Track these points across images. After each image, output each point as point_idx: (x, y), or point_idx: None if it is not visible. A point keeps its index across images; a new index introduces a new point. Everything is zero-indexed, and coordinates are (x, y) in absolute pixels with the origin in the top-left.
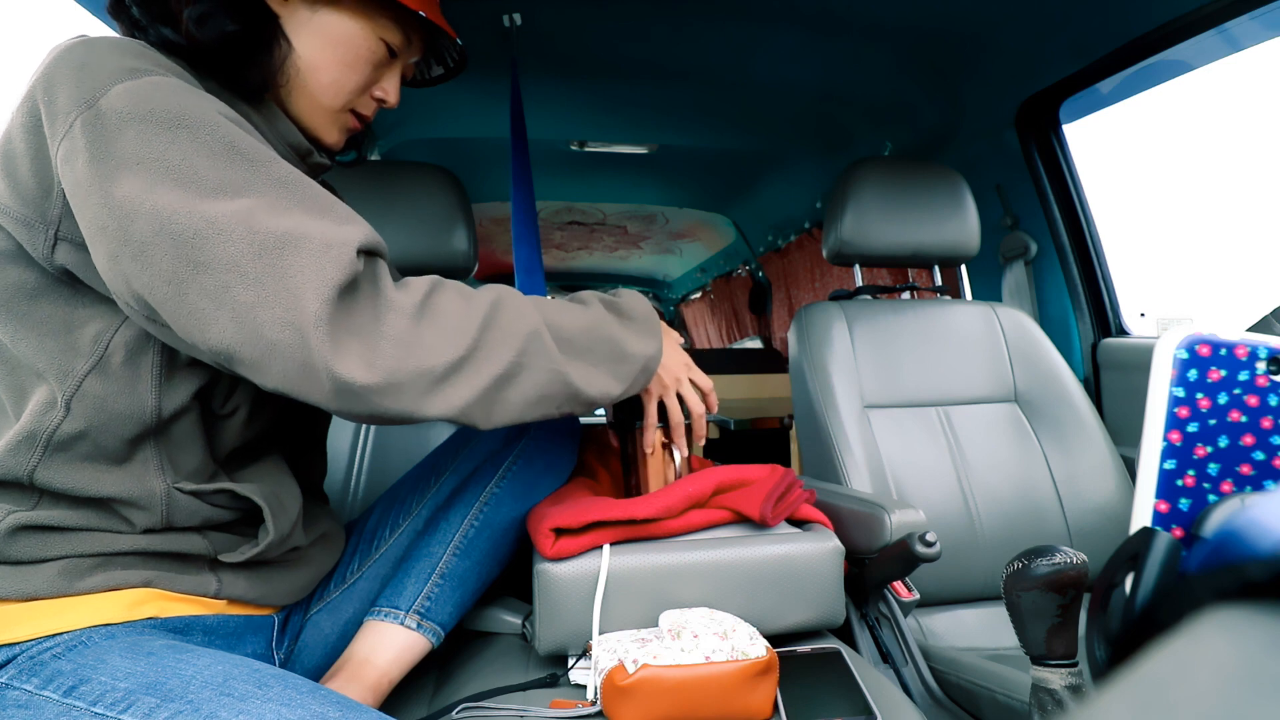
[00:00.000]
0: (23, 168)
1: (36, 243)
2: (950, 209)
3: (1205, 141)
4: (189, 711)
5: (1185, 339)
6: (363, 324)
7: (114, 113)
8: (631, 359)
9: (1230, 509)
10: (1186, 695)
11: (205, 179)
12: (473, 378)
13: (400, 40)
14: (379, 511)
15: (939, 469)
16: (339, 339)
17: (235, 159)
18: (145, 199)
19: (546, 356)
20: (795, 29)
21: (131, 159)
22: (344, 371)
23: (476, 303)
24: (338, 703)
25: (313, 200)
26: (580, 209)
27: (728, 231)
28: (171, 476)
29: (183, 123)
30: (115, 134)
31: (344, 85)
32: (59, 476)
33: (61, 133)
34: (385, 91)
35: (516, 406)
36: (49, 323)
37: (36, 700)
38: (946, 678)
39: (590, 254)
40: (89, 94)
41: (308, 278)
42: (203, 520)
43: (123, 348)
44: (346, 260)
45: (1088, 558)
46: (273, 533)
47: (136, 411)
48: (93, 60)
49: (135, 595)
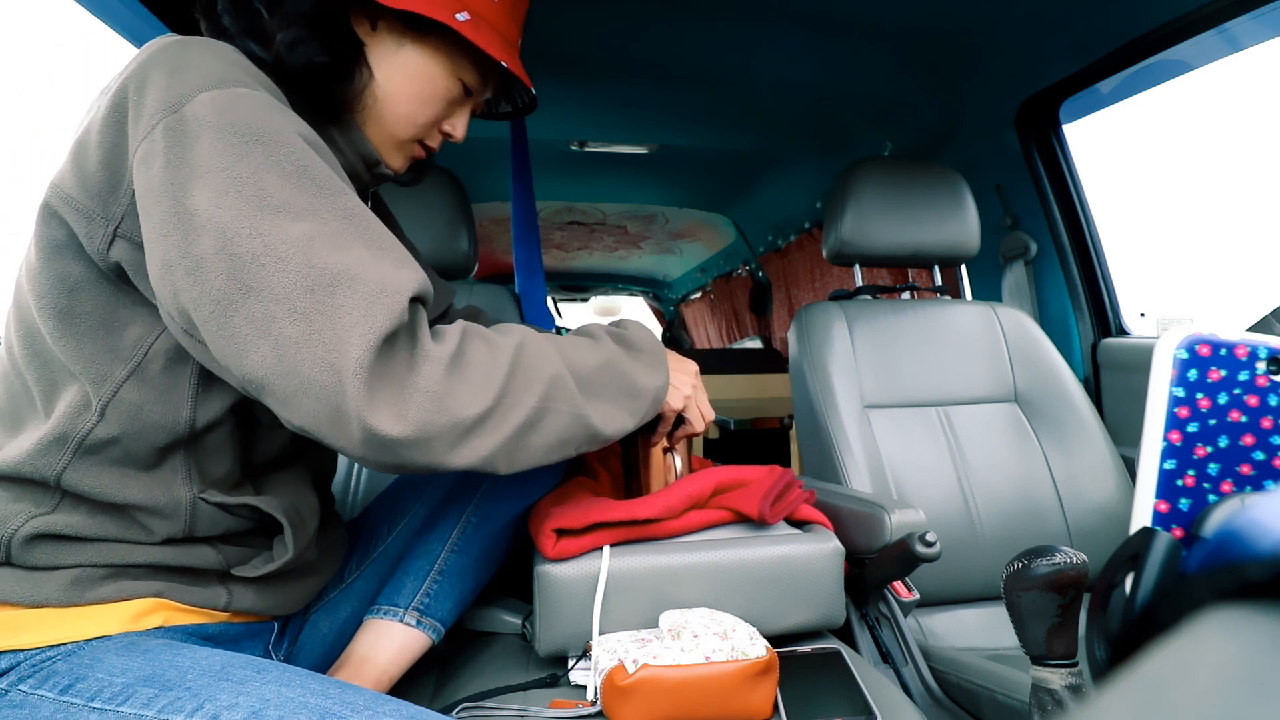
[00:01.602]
0: (93, 159)
1: (95, 235)
2: (950, 209)
3: (1205, 141)
4: (188, 697)
5: (1185, 339)
6: (399, 374)
7: (195, 120)
8: (643, 394)
9: (1230, 509)
10: (1186, 695)
11: (271, 197)
12: (499, 427)
13: (477, 82)
14: (377, 511)
15: (939, 469)
16: (375, 388)
17: (305, 182)
18: (211, 213)
19: (569, 400)
20: (795, 29)
21: (203, 168)
22: (376, 423)
23: (502, 351)
24: (336, 684)
25: (374, 237)
26: (580, 209)
27: (728, 231)
28: (198, 486)
29: (259, 138)
30: (193, 141)
31: (416, 118)
32: (86, 480)
33: (144, 134)
34: (454, 127)
35: (539, 451)
36: (89, 319)
37: (32, 700)
38: (946, 678)
39: (590, 254)
40: (176, 98)
41: (355, 321)
42: (224, 530)
43: (162, 355)
44: (398, 310)
45: (1088, 558)
46: (291, 550)
47: (170, 421)
48: (185, 64)
49: (144, 605)
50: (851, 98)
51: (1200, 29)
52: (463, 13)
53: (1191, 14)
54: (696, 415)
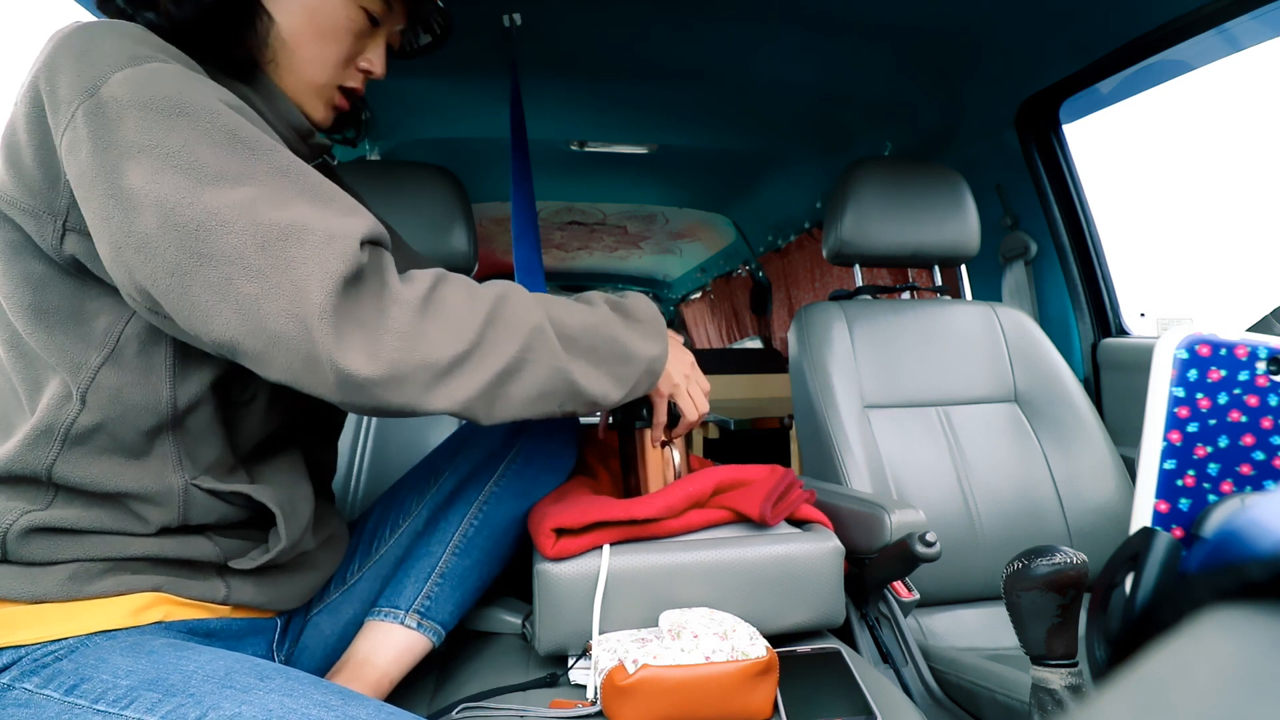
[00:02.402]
0: (27, 159)
1: (45, 233)
2: (950, 209)
3: (1205, 141)
4: (191, 704)
5: (1185, 339)
6: (366, 316)
7: (114, 101)
8: (635, 360)
9: (1230, 509)
10: (1186, 695)
11: (206, 166)
12: (476, 372)
13: (380, 7)
14: (378, 512)
15: (939, 469)
16: (343, 330)
17: (236, 147)
18: (149, 189)
19: (550, 353)
20: (795, 29)
21: (133, 147)
22: (347, 364)
23: (481, 297)
24: (340, 692)
25: (314, 190)
26: (580, 209)
27: (728, 231)
28: (190, 472)
29: (183, 110)
30: (116, 122)
31: (326, 57)
32: (77, 470)
33: (64, 123)
34: (370, 62)
35: (518, 402)
36: (58, 314)
37: (38, 699)
38: (946, 678)
39: (590, 254)
40: (89, 82)
41: (311, 269)
42: (218, 518)
43: (135, 339)
44: (350, 252)
45: (1088, 558)
46: (284, 539)
47: (152, 402)
48: (93, 47)
49: (143, 599)
50: (851, 98)
51: (1200, 29)
52: None
53: (1191, 14)
54: (688, 403)
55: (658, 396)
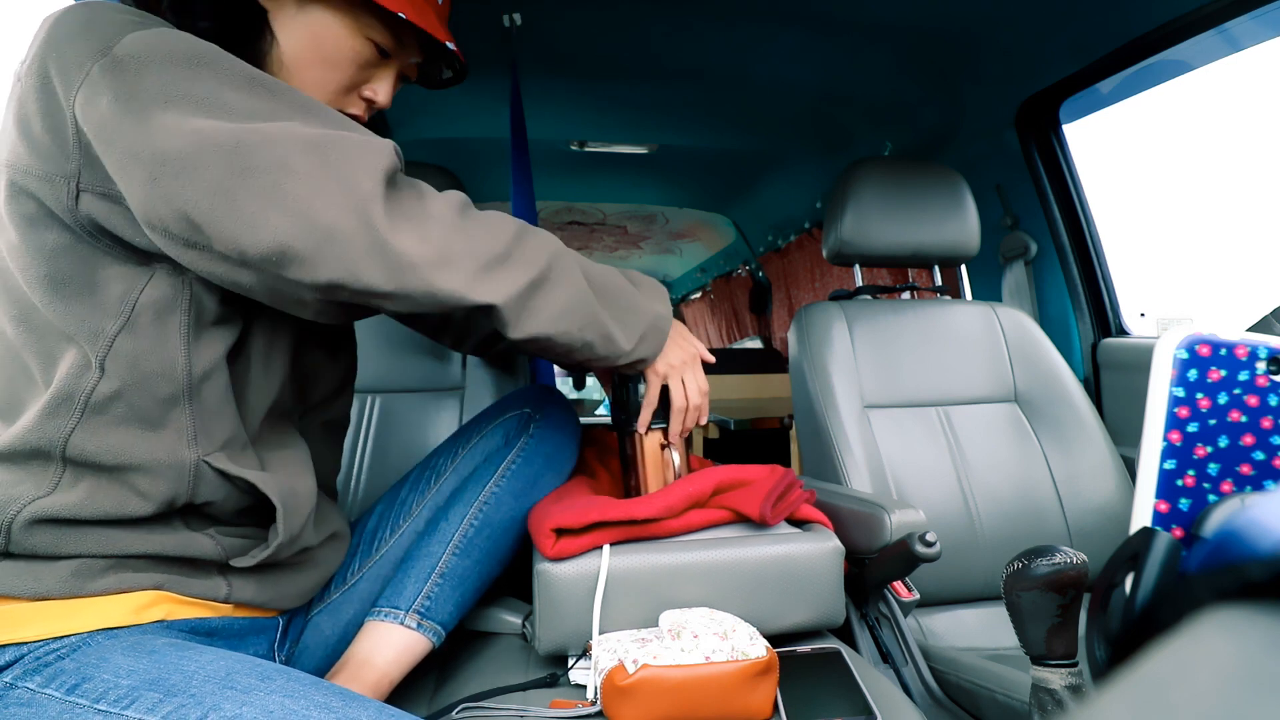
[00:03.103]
0: (36, 126)
1: (60, 196)
2: (950, 209)
3: (1205, 141)
4: (192, 705)
5: (1185, 339)
6: (411, 209)
7: (131, 57)
8: (642, 310)
9: (1230, 509)
10: (1186, 695)
11: (236, 107)
12: (513, 273)
13: (389, 41)
14: (379, 512)
15: (939, 469)
16: (393, 218)
17: (258, 88)
18: (181, 124)
19: (573, 273)
20: (795, 29)
21: (159, 96)
22: (401, 245)
23: (508, 219)
24: (340, 694)
25: (338, 119)
26: (580, 209)
27: (728, 231)
28: (204, 447)
29: (202, 60)
30: (137, 75)
31: (327, 84)
32: (93, 440)
33: (78, 81)
34: (375, 92)
35: (546, 316)
36: (73, 283)
37: (39, 699)
38: (946, 678)
39: (590, 254)
40: (101, 44)
41: (356, 165)
42: (221, 503)
43: (150, 307)
44: (388, 152)
45: (1088, 558)
46: (282, 534)
47: (168, 369)
48: (97, 17)
49: (145, 598)
50: (851, 98)
51: (1200, 29)
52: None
53: (1191, 14)
54: (679, 389)
55: (653, 375)
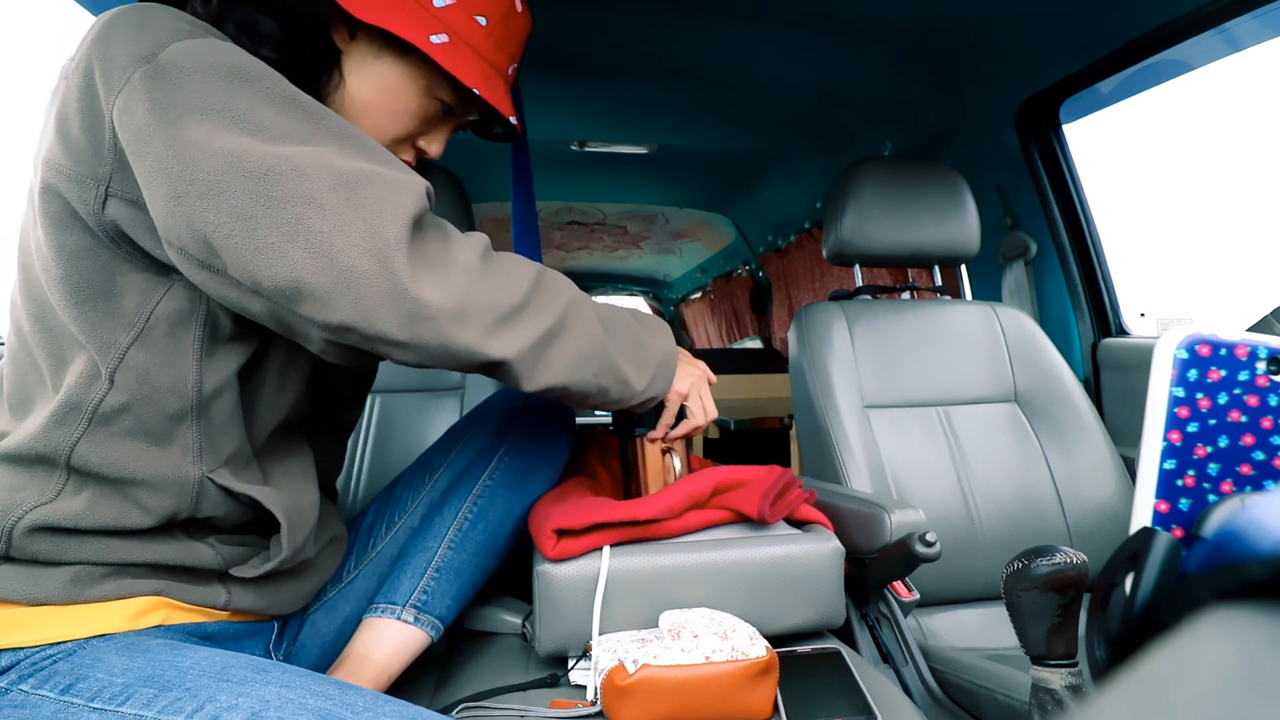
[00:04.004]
0: (75, 126)
1: (87, 198)
2: (950, 209)
3: (1205, 141)
4: (188, 698)
5: (1185, 339)
6: (435, 255)
7: (174, 66)
8: (651, 349)
9: (1230, 509)
10: (1186, 695)
11: (272, 128)
12: (529, 326)
13: (456, 103)
14: (375, 510)
15: (939, 469)
16: (416, 264)
17: (297, 111)
18: (213, 141)
19: (587, 321)
20: (795, 29)
21: (196, 108)
22: (422, 293)
23: (527, 263)
24: (336, 683)
25: (374, 151)
26: (580, 209)
27: (728, 231)
28: (209, 463)
29: (244, 75)
30: (176, 85)
31: (386, 130)
32: (98, 451)
33: (119, 85)
34: (429, 144)
35: (560, 365)
36: (89, 289)
37: (33, 700)
38: (946, 678)
39: (590, 254)
40: (147, 50)
41: (384, 206)
42: (223, 517)
43: (164, 320)
44: (419, 195)
45: (1088, 558)
46: (286, 549)
47: (178, 385)
48: (150, 21)
49: (144, 604)
50: (851, 98)
51: (1200, 29)
52: (441, 35)
53: (1191, 14)
54: (699, 408)
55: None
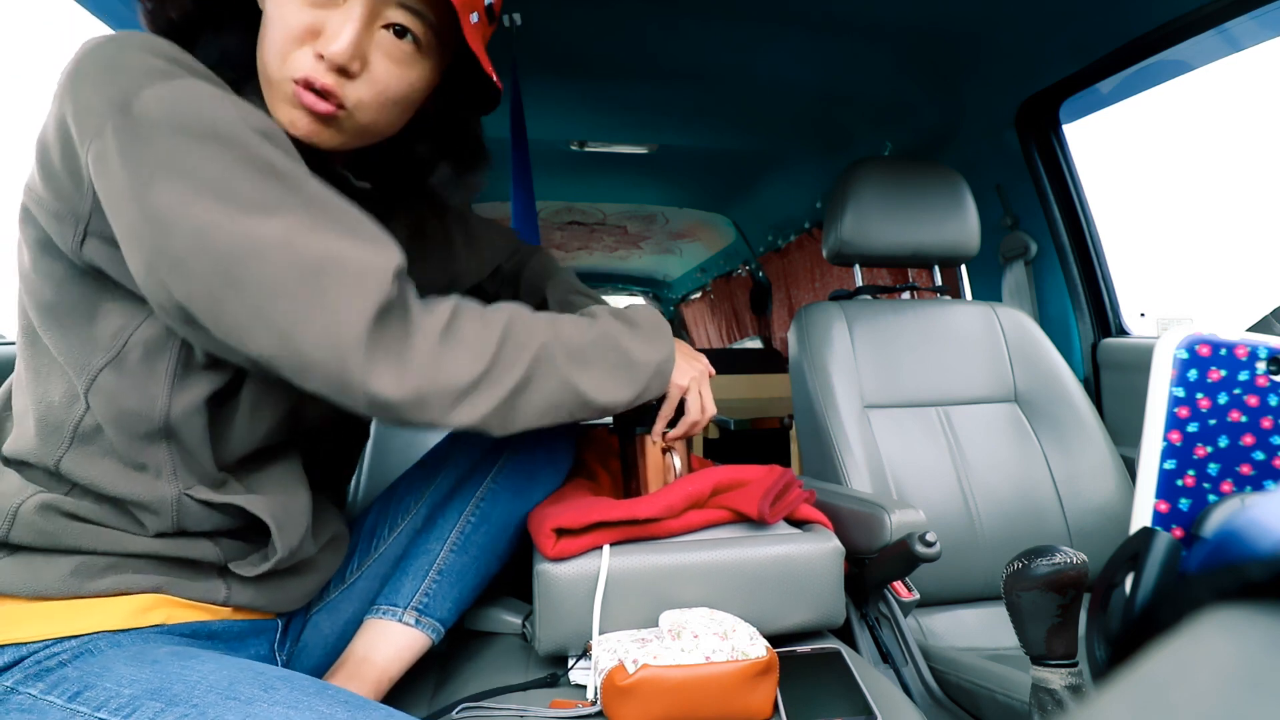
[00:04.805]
0: (55, 160)
1: (66, 236)
2: (950, 209)
3: (1206, 141)
4: (194, 715)
5: (1185, 339)
6: (394, 345)
7: (147, 119)
8: (641, 366)
9: (1230, 509)
10: (1186, 695)
11: (242, 196)
12: (491, 392)
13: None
14: (377, 511)
15: (939, 469)
16: (374, 359)
17: (269, 177)
18: (183, 211)
19: (556, 368)
20: (795, 29)
21: (166, 168)
22: (378, 389)
23: (492, 322)
24: (345, 701)
25: (345, 221)
26: (580, 209)
27: (728, 231)
28: (183, 482)
29: (217, 135)
30: (148, 142)
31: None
32: (80, 468)
33: (91, 134)
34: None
35: (531, 414)
36: (73, 314)
37: (41, 705)
38: (946, 678)
39: (590, 254)
40: (120, 96)
41: (347, 301)
42: (213, 527)
43: (140, 345)
44: (384, 285)
45: (1088, 558)
46: (280, 550)
47: (146, 410)
48: (121, 59)
49: (144, 601)
50: (851, 98)
51: (1200, 29)
52: None
53: (1191, 14)
54: (698, 404)
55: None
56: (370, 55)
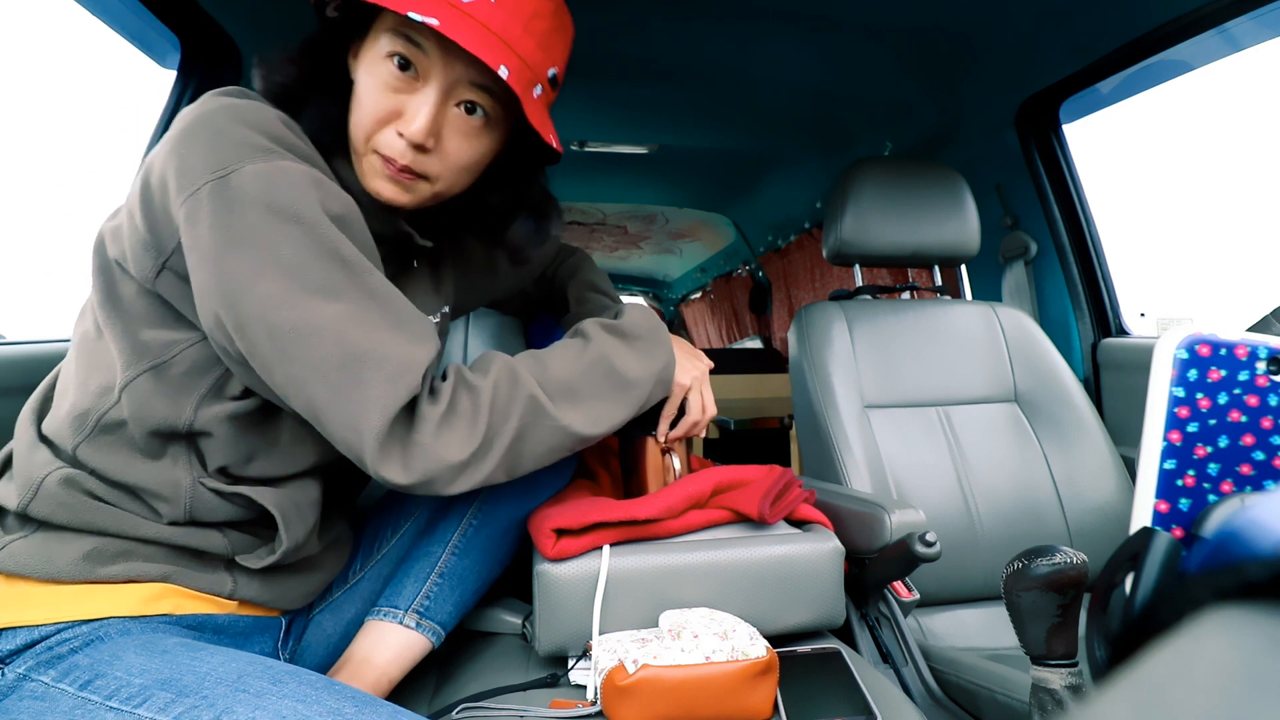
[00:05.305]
0: (155, 196)
1: (144, 265)
2: (950, 209)
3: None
4: (204, 706)
5: (1185, 339)
6: (403, 433)
7: (241, 191)
8: (636, 384)
9: (1230, 509)
10: (1186, 695)
11: (310, 278)
12: (488, 459)
13: (405, 47)
14: (381, 512)
15: (939, 469)
16: (387, 451)
17: (337, 264)
18: (253, 283)
19: (546, 417)
20: (795, 29)
21: (249, 240)
22: (386, 475)
23: (482, 394)
24: (352, 697)
25: (395, 314)
26: (580, 209)
27: (728, 231)
28: (198, 472)
29: (299, 219)
30: (239, 213)
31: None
32: (95, 456)
33: (189, 191)
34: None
35: (532, 460)
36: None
37: (53, 692)
38: (946, 678)
39: (590, 254)
40: (221, 164)
41: (378, 395)
42: (224, 518)
43: (188, 361)
44: (414, 385)
45: (1088, 558)
46: (287, 542)
47: (171, 418)
48: (230, 130)
49: (153, 589)
50: (851, 98)
51: (1200, 29)
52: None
53: (1191, 14)
54: (698, 404)
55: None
56: (444, 131)
